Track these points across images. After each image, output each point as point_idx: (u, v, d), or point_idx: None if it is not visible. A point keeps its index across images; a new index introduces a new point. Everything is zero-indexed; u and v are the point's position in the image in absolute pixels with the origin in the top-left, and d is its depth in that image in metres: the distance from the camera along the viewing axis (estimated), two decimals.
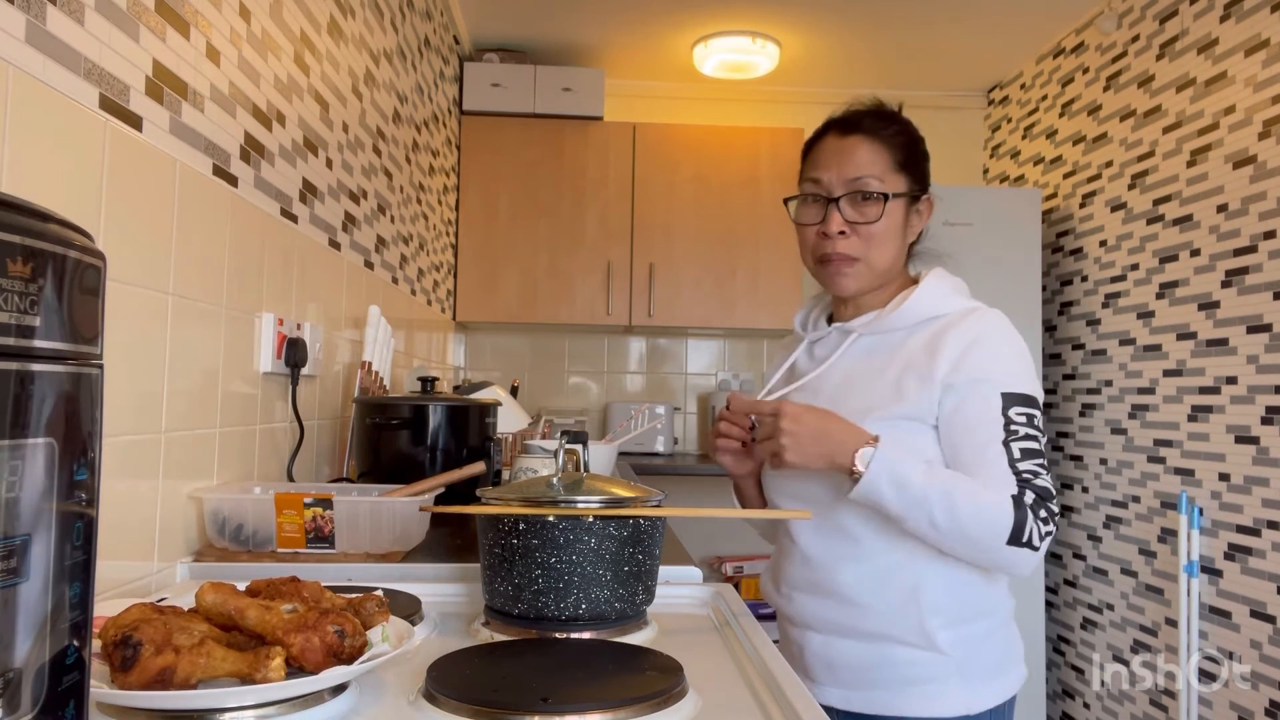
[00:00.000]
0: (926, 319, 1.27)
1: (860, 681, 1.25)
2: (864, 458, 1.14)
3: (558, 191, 3.86)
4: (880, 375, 1.26)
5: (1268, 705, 2.45)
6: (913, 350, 1.24)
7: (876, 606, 1.23)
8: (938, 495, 1.12)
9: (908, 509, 1.14)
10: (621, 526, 1.01)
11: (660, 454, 3.98)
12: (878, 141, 1.28)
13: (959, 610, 1.23)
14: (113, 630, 0.70)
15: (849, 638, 1.25)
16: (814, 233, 1.30)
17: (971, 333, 1.22)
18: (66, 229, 0.48)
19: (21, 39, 0.92)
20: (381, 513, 1.34)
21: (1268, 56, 2.56)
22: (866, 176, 1.26)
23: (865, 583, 1.24)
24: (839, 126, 1.31)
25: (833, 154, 1.29)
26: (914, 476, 1.13)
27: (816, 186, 1.29)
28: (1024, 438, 1.17)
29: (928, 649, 1.21)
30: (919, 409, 1.21)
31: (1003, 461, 1.16)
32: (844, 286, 1.30)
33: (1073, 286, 3.55)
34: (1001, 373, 1.20)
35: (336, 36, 2.04)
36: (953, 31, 3.68)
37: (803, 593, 1.31)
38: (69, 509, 0.47)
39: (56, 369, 0.46)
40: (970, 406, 1.19)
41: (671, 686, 0.80)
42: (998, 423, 1.17)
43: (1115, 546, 3.20)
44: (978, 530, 1.12)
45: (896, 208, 1.28)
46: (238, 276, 1.46)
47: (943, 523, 1.12)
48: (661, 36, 3.80)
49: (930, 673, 1.21)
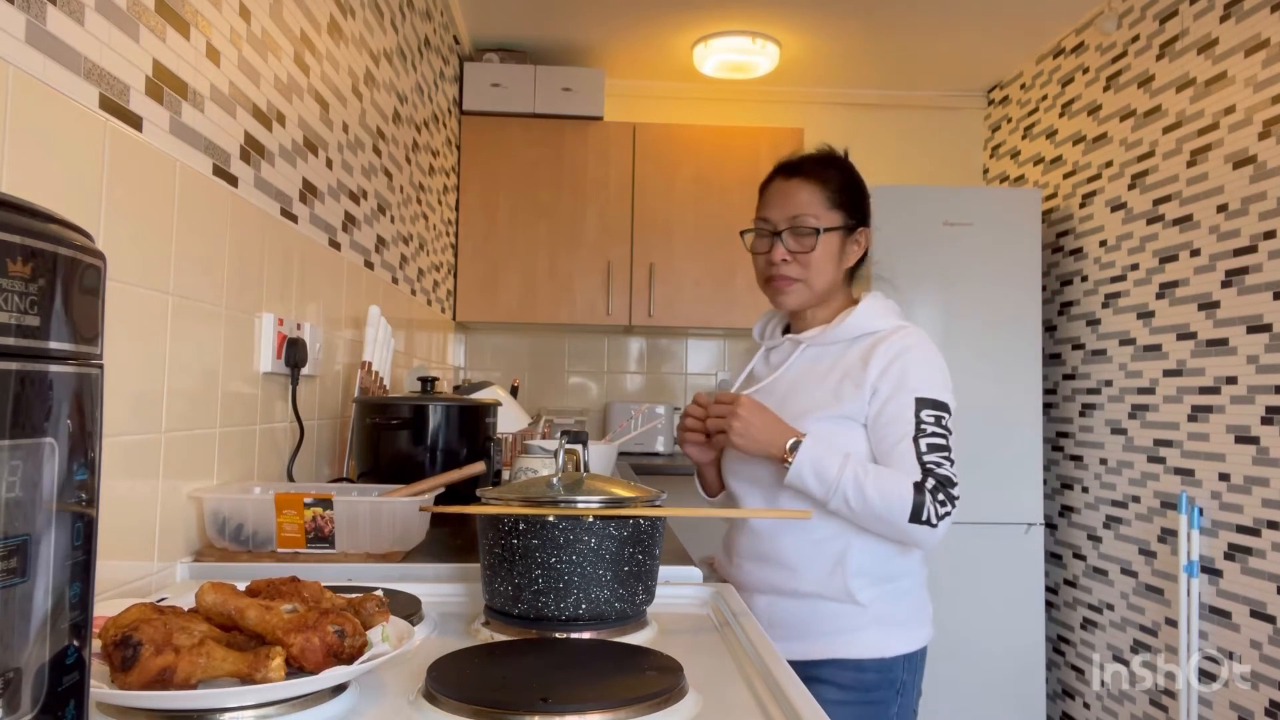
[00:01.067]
0: (863, 334, 1.50)
1: (796, 634, 1.46)
2: (792, 449, 1.39)
3: (558, 191, 3.86)
4: (822, 381, 1.49)
5: (1268, 705, 2.45)
6: (850, 360, 1.48)
7: (810, 570, 1.46)
8: (850, 481, 1.37)
9: (827, 492, 1.38)
10: (621, 526, 1.01)
11: (660, 454, 3.98)
12: (815, 183, 1.52)
13: (877, 572, 1.46)
14: (113, 630, 0.71)
15: (788, 597, 1.48)
16: (764, 260, 1.54)
17: (897, 347, 1.45)
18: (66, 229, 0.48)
19: (21, 39, 0.92)
20: (381, 513, 1.34)
21: (1268, 56, 2.56)
22: (804, 214, 1.50)
23: (801, 550, 1.47)
24: (784, 170, 1.56)
25: (777, 194, 1.54)
26: (831, 466, 1.38)
27: (765, 223, 1.54)
28: (931, 434, 1.40)
29: (850, 603, 1.45)
30: (852, 410, 1.45)
31: (911, 454, 1.39)
32: (785, 303, 1.55)
33: (1073, 286, 3.55)
34: (917, 381, 1.43)
35: (336, 36, 2.04)
36: (953, 31, 3.68)
37: (749, 560, 1.54)
38: (69, 509, 0.47)
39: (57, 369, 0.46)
40: (890, 408, 1.42)
41: (671, 686, 0.80)
42: (910, 422, 1.40)
43: (1115, 546, 3.20)
44: (884, 509, 1.36)
45: (831, 239, 1.51)
46: (238, 276, 1.46)
47: (855, 503, 1.37)
48: (661, 36, 3.80)
49: (852, 623, 1.45)
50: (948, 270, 3.50)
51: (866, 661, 1.44)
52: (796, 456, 1.38)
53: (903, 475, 1.37)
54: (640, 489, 1.08)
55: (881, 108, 4.33)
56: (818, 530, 1.45)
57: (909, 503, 1.35)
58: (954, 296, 3.49)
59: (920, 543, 1.39)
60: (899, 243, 3.51)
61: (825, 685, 1.42)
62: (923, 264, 3.50)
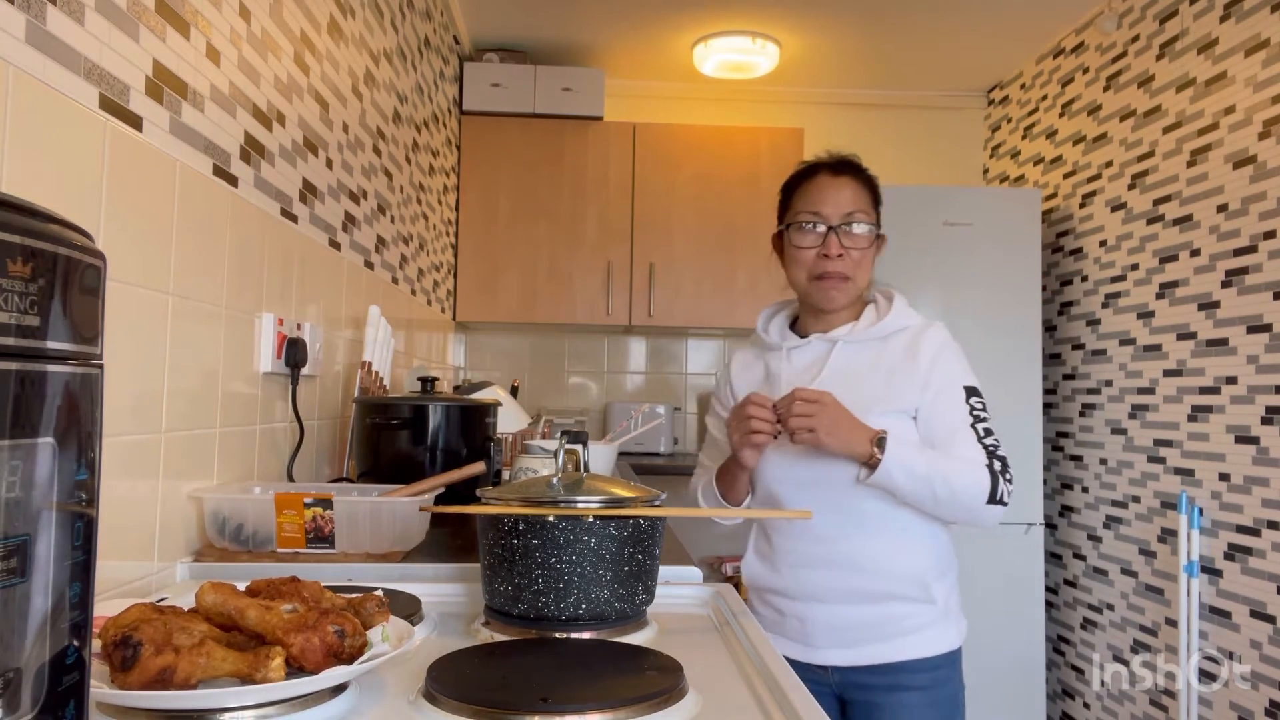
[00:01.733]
0: (897, 330, 1.53)
1: (864, 639, 1.47)
2: (880, 447, 1.38)
3: (558, 191, 3.86)
4: (869, 377, 1.49)
5: (1268, 705, 2.45)
6: (893, 356, 1.50)
7: (889, 570, 1.46)
8: (938, 473, 1.39)
9: (914, 486, 1.39)
10: (621, 526, 1.01)
11: (660, 454, 3.98)
12: (860, 183, 1.55)
13: (942, 565, 1.50)
14: (113, 630, 0.70)
15: (861, 602, 1.47)
16: (813, 254, 1.52)
17: (937, 340, 1.50)
18: (66, 229, 0.48)
19: (21, 39, 0.92)
20: (381, 513, 1.34)
21: (1268, 56, 2.56)
22: (858, 211, 1.52)
23: (878, 551, 1.46)
24: (829, 168, 1.56)
25: (829, 189, 1.53)
26: (918, 460, 1.39)
27: (816, 217, 1.52)
28: (981, 419, 1.47)
29: (926, 601, 1.47)
30: (906, 403, 1.47)
31: (972, 439, 1.44)
32: (835, 300, 1.54)
33: (1073, 286, 3.55)
34: (960, 371, 1.50)
35: (336, 36, 2.04)
36: (953, 31, 3.68)
37: (808, 568, 1.50)
38: (69, 509, 0.47)
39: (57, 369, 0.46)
40: (944, 398, 1.47)
41: (671, 686, 0.80)
42: (964, 409, 1.46)
43: (1115, 546, 3.20)
44: (967, 496, 1.40)
45: (874, 240, 1.55)
46: (238, 276, 1.46)
47: (943, 494, 1.40)
48: (661, 36, 3.80)
49: (926, 620, 1.47)
50: (948, 270, 3.50)
51: (941, 657, 1.47)
52: (885, 453, 1.38)
53: (973, 460, 1.42)
54: (640, 489, 1.08)
55: (882, 108, 4.33)
56: (892, 527, 1.46)
57: (986, 486, 1.40)
58: (954, 296, 3.49)
59: (990, 522, 1.43)
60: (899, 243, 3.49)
61: (907, 691, 1.45)
62: (923, 264, 3.50)
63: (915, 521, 1.47)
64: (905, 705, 1.46)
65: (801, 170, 1.59)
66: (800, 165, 1.62)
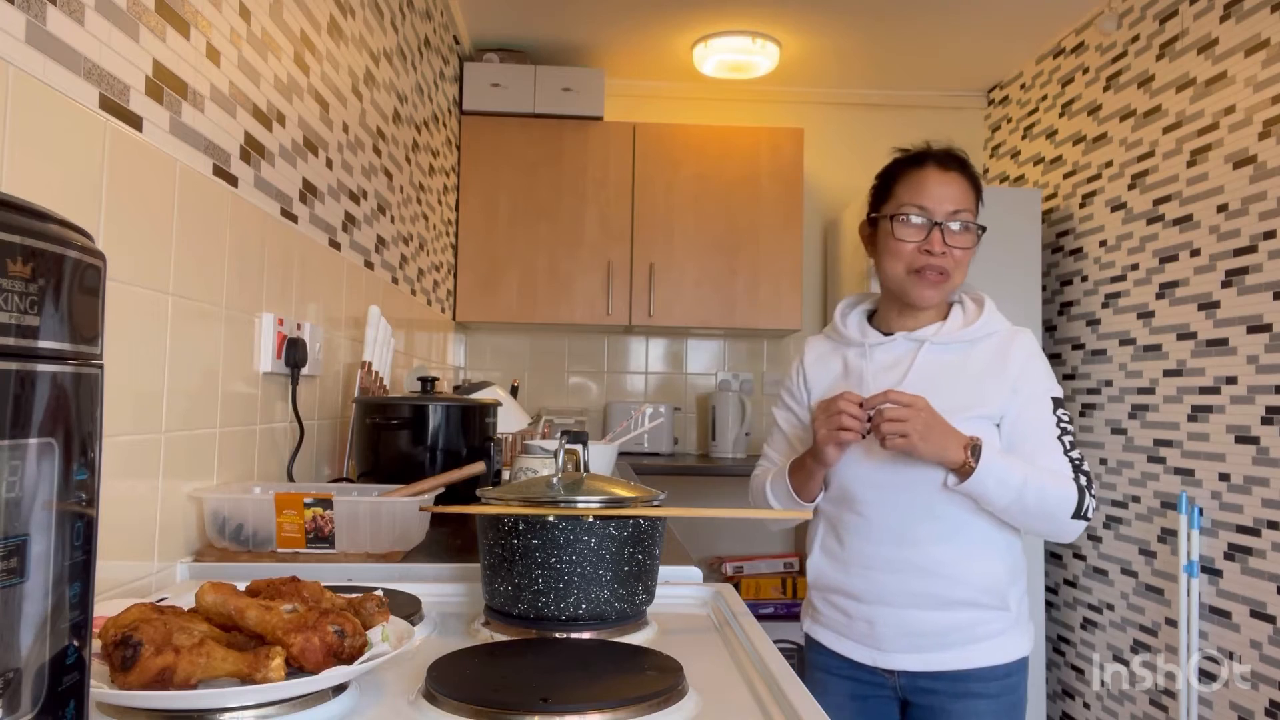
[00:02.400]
0: (987, 334, 1.50)
1: (935, 645, 1.45)
2: (975, 455, 1.35)
3: (558, 191, 3.86)
4: (956, 380, 1.46)
5: (1268, 705, 2.45)
6: (982, 360, 1.47)
7: (968, 577, 1.44)
8: (1032, 484, 1.37)
9: (1004, 495, 1.37)
10: (621, 526, 1.01)
11: (660, 454, 3.98)
12: (967, 181, 1.50)
13: (1016, 572, 1.49)
14: (113, 630, 0.71)
15: (933, 608, 1.45)
16: (913, 248, 1.47)
17: (1028, 348, 1.48)
18: (66, 229, 0.48)
19: (21, 39, 0.92)
20: (381, 513, 1.34)
21: (1268, 56, 2.56)
22: (964, 210, 1.47)
23: (959, 558, 1.45)
24: (938, 160, 1.50)
25: (936, 183, 1.48)
26: (1012, 470, 1.37)
27: (922, 211, 1.47)
28: (1067, 432, 1.45)
29: (1001, 609, 1.45)
30: (996, 409, 1.44)
31: (1059, 452, 1.42)
32: (930, 298, 1.49)
33: (1073, 286, 3.55)
34: (1048, 381, 1.48)
35: (336, 36, 2.04)
36: (953, 31, 3.68)
37: (881, 571, 1.47)
38: (69, 509, 0.47)
39: (56, 369, 0.46)
40: (1033, 408, 1.45)
41: (671, 686, 0.80)
42: (1052, 420, 1.44)
43: (1115, 546, 3.20)
44: (1056, 508, 1.38)
45: (975, 241, 1.49)
46: (238, 276, 1.46)
47: (1032, 506, 1.37)
48: (661, 36, 3.80)
49: (1000, 627, 1.46)
50: None
51: (1013, 664, 1.46)
52: (981, 461, 1.34)
53: (1061, 473, 1.40)
54: (640, 489, 1.08)
55: (881, 108, 4.33)
56: (973, 533, 1.44)
57: (1074, 500, 1.38)
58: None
59: (1072, 536, 1.42)
60: None
61: (977, 699, 1.44)
62: None
63: (993, 529, 1.45)
64: (974, 712, 1.45)
65: (906, 158, 1.53)
66: (901, 152, 1.55)
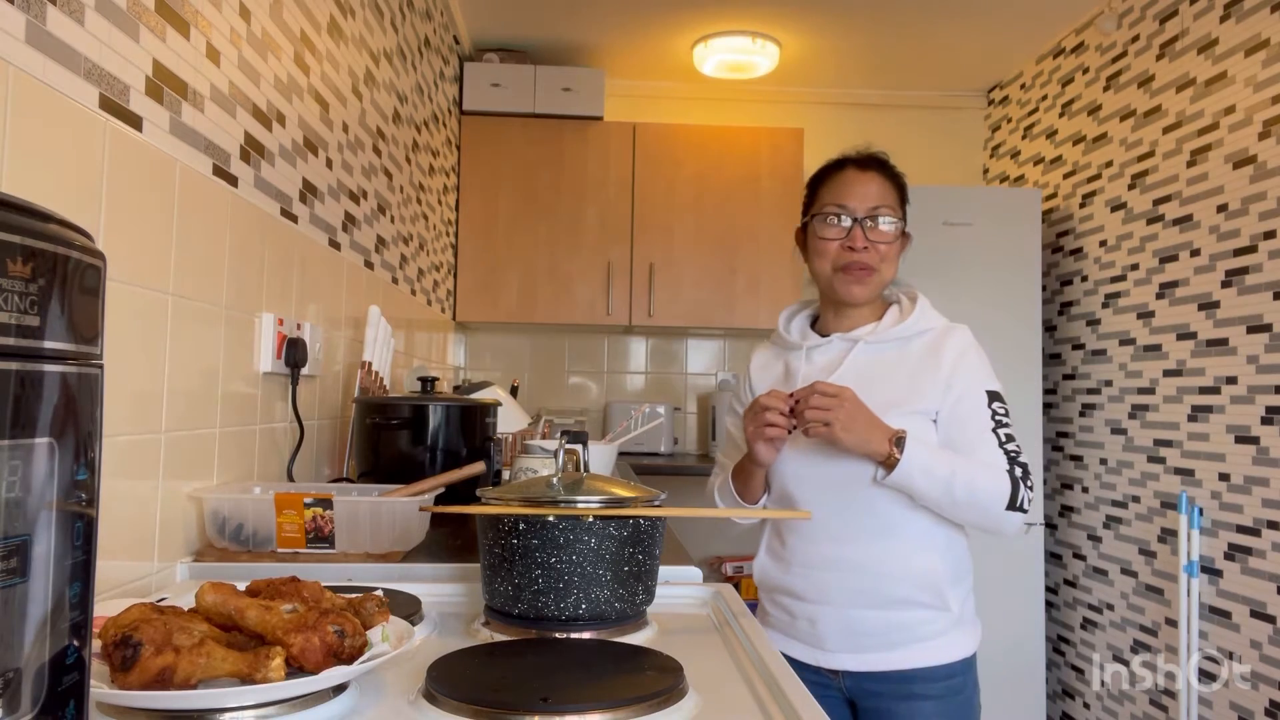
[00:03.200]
0: (919, 332, 1.51)
1: (880, 645, 1.44)
2: (899, 447, 1.36)
3: (558, 191, 3.86)
4: (890, 377, 1.47)
5: (1268, 705, 2.45)
6: (916, 357, 1.48)
7: (903, 575, 1.44)
8: (959, 476, 1.37)
9: (932, 488, 1.37)
10: (621, 526, 1.01)
11: (660, 454, 3.98)
12: (887, 179, 1.54)
13: (958, 572, 1.48)
14: (113, 630, 0.70)
15: (873, 607, 1.44)
16: (837, 246, 1.50)
17: (962, 343, 1.49)
18: (66, 229, 0.48)
19: (21, 39, 0.92)
20: (381, 513, 1.34)
21: (1268, 56, 2.56)
22: (883, 205, 1.50)
23: (892, 555, 1.44)
24: (855, 163, 1.55)
25: (855, 183, 1.52)
26: (939, 462, 1.37)
27: (842, 209, 1.51)
28: (1003, 425, 1.45)
29: (941, 608, 1.44)
30: (929, 405, 1.45)
31: (994, 444, 1.43)
32: (858, 294, 1.51)
33: (1073, 286, 3.55)
34: (983, 375, 1.48)
35: (336, 36, 2.04)
36: (953, 31, 3.68)
37: (820, 570, 1.47)
38: (69, 509, 0.47)
39: (56, 369, 0.46)
40: (967, 402, 1.45)
41: (671, 686, 0.80)
42: (987, 414, 1.45)
43: (1115, 546, 3.20)
44: (987, 500, 1.38)
45: (898, 236, 1.52)
46: (238, 276, 1.46)
47: (961, 498, 1.37)
48: (661, 36, 3.80)
49: (942, 627, 1.45)
50: (948, 270, 3.50)
51: (955, 664, 1.45)
52: (904, 453, 1.35)
53: (994, 465, 1.40)
54: (640, 489, 1.08)
55: (881, 108, 4.33)
56: (908, 531, 1.44)
57: (1006, 491, 1.38)
58: (954, 296, 3.49)
59: (1009, 529, 1.40)
60: None
61: (922, 700, 1.43)
62: (923, 264, 3.49)
63: (933, 526, 1.44)
64: (919, 714, 1.44)
65: (829, 164, 1.58)
66: (828, 160, 1.60)
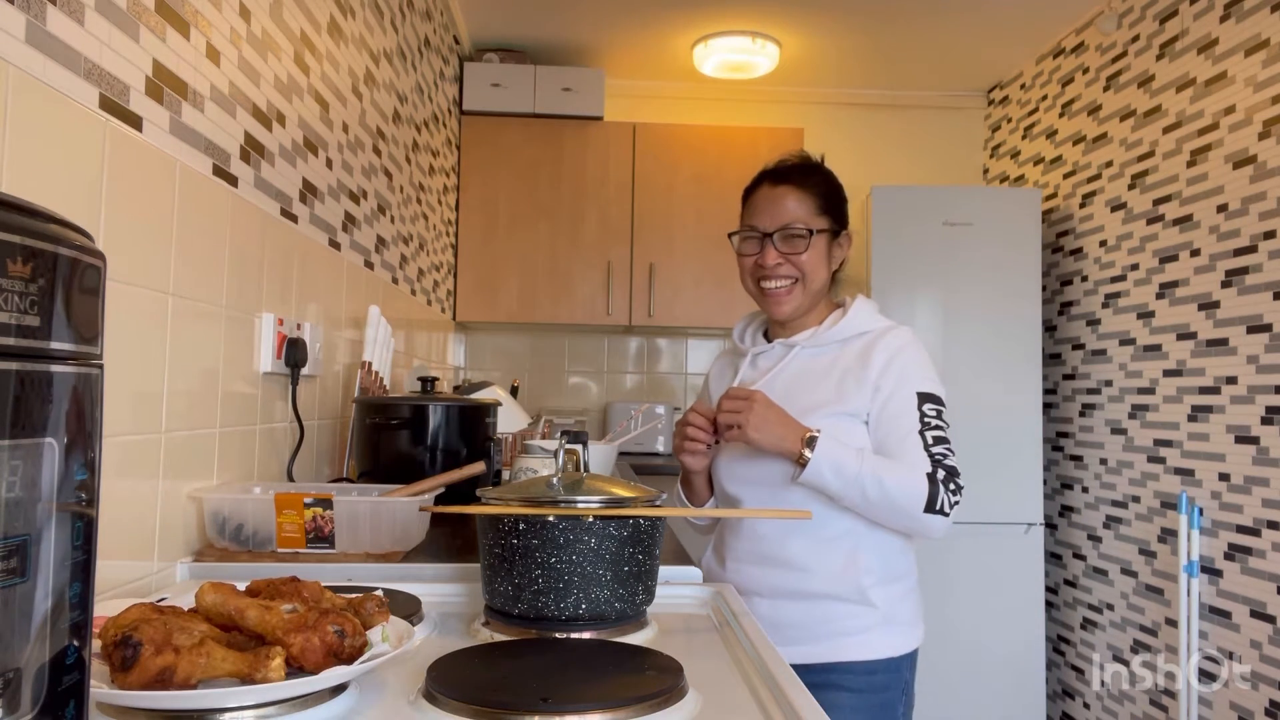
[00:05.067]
0: (856, 334, 1.53)
1: (804, 637, 1.45)
2: (810, 446, 1.38)
3: (558, 191, 3.86)
4: (822, 380, 1.50)
5: (1268, 705, 2.45)
6: (848, 359, 1.50)
7: (820, 570, 1.46)
8: (869, 474, 1.37)
9: (845, 487, 1.38)
10: (621, 526, 1.01)
11: (660, 454, 3.98)
12: (802, 190, 1.53)
13: (886, 571, 1.48)
14: (113, 630, 0.70)
15: (795, 600, 1.47)
16: (752, 262, 1.55)
17: (894, 345, 1.48)
18: (66, 229, 0.48)
19: (21, 39, 0.92)
20: (381, 513, 1.34)
21: (1268, 56, 2.56)
22: (794, 222, 1.51)
23: (813, 551, 1.46)
24: (770, 178, 1.57)
25: (765, 201, 1.54)
26: (849, 461, 1.38)
27: (752, 230, 1.55)
28: (934, 427, 1.43)
29: (862, 604, 1.45)
30: (856, 406, 1.46)
31: (919, 447, 1.41)
32: (781, 308, 1.54)
33: (1073, 286, 3.55)
34: (915, 377, 1.47)
35: (336, 36, 2.04)
36: (953, 31, 3.68)
37: (750, 564, 1.51)
38: (69, 509, 0.47)
39: (56, 369, 0.46)
40: (894, 403, 1.45)
41: (671, 686, 0.80)
42: (914, 416, 1.43)
43: (1115, 546, 3.20)
44: (903, 501, 1.37)
45: (820, 242, 1.53)
46: (238, 276, 1.46)
47: (874, 495, 1.38)
48: (661, 36, 3.80)
49: (864, 623, 1.45)
50: (948, 270, 3.50)
51: (878, 662, 1.45)
52: (815, 451, 1.37)
53: (914, 467, 1.39)
54: (640, 489, 1.08)
55: (882, 108, 4.33)
56: (828, 529, 1.45)
57: (924, 493, 1.37)
58: (954, 296, 3.49)
59: (932, 532, 1.40)
60: (899, 243, 3.51)
61: (838, 691, 1.43)
62: (923, 264, 3.50)
63: (856, 525, 1.45)
64: (834, 706, 1.40)
65: (751, 182, 1.61)
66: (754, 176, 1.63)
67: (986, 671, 3.36)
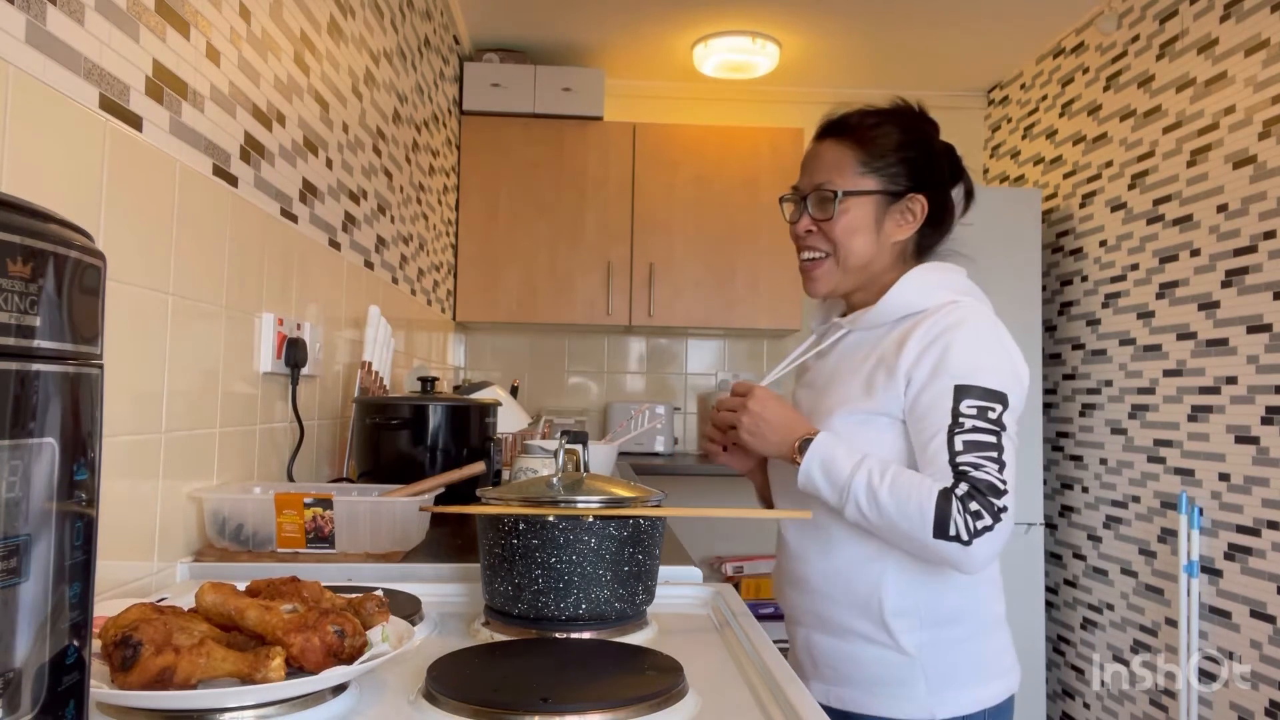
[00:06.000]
0: (907, 314, 1.25)
1: (837, 677, 1.26)
2: (801, 449, 1.19)
3: (558, 191, 3.86)
4: (857, 371, 1.26)
5: (1268, 705, 2.45)
6: (887, 346, 1.23)
7: (841, 599, 1.24)
8: (862, 485, 1.14)
9: (839, 498, 1.16)
10: (621, 526, 1.01)
11: (660, 454, 3.98)
12: (847, 143, 1.29)
13: (926, 613, 1.22)
14: (113, 630, 0.70)
15: (823, 632, 1.28)
16: (791, 230, 1.34)
17: (939, 326, 1.19)
18: (66, 229, 0.48)
19: (21, 39, 0.92)
20: (381, 513, 1.34)
21: (1268, 56, 2.56)
22: (826, 180, 1.28)
23: (831, 575, 1.26)
24: (818, 132, 1.35)
25: (808, 156, 1.34)
26: (844, 467, 1.15)
27: (795, 192, 1.34)
28: (971, 430, 1.13)
29: (893, 649, 1.21)
30: (885, 404, 1.20)
31: (943, 454, 1.13)
32: (814, 289, 1.33)
33: (1073, 286, 3.55)
34: (958, 366, 1.16)
35: (336, 36, 2.04)
36: (953, 31, 3.68)
37: (789, 586, 1.34)
38: (69, 509, 0.47)
39: (56, 369, 0.46)
40: (924, 398, 1.17)
41: (671, 686, 0.80)
42: (945, 414, 1.15)
43: (1115, 546, 3.20)
44: (904, 523, 1.11)
45: (859, 205, 1.27)
46: (238, 276, 1.46)
47: (869, 512, 1.14)
48: (661, 36, 3.80)
49: (896, 674, 1.21)
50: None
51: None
52: (805, 456, 1.17)
53: (929, 479, 1.12)
54: (640, 489, 1.08)
55: None
56: (843, 551, 1.23)
57: (930, 513, 1.09)
58: None
59: (955, 564, 1.12)
60: None
61: None
62: None
63: (884, 548, 1.21)
64: None
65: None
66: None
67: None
